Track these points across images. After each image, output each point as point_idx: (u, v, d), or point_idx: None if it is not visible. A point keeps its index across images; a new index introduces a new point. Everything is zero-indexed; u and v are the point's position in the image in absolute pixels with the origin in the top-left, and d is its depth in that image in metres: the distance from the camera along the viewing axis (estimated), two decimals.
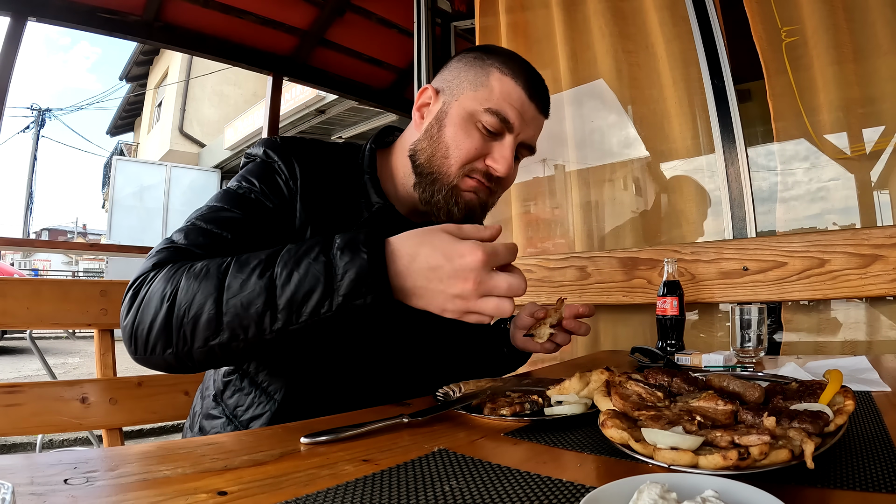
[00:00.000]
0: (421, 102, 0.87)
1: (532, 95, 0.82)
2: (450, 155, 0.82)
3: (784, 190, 1.61)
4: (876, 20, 1.44)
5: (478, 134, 0.81)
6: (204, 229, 0.71)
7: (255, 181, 0.78)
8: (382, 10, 2.85)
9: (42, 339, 8.05)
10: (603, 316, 1.82)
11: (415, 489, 0.42)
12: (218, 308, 0.58)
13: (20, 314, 0.99)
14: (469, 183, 0.83)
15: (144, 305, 0.62)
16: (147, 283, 0.63)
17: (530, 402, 0.67)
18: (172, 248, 0.69)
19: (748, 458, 0.40)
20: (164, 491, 0.41)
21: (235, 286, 0.58)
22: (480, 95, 0.81)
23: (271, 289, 0.58)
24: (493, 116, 0.80)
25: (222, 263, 0.61)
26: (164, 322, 0.60)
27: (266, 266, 0.59)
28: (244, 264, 0.60)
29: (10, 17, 2.09)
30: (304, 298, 0.57)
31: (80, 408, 1.00)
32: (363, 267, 0.56)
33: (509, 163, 0.82)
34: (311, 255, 0.58)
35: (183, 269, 0.62)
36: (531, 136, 0.85)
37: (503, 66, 0.82)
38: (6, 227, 53.19)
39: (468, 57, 0.86)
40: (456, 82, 0.84)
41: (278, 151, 0.81)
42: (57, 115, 14.54)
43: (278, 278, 0.58)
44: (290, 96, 7.60)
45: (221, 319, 0.59)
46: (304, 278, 0.57)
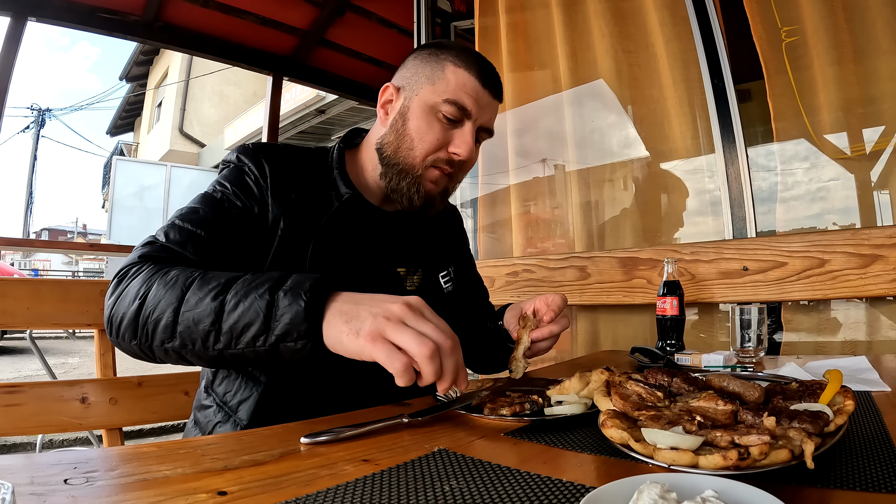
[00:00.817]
0: (384, 100, 0.93)
1: (485, 83, 0.89)
2: (415, 146, 0.88)
3: (784, 190, 1.61)
4: (876, 20, 1.44)
5: (438, 124, 0.88)
6: (182, 228, 0.78)
7: (227, 184, 0.85)
8: (382, 10, 2.85)
9: (42, 339, 8.05)
10: (603, 316, 1.82)
11: (415, 489, 0.42)
12: (175, 317, 0.65)
13: (20, 314, 0.99)
14: (432, 174, 0.90)
15: (122, 297, 0.70)
16: (129, 277, 0.71)
17: (530, 402, 0.67)
18: (156, 244, 0.76)
19: (748, 458, 0.40)
20: (164, 491, 0.41)
21: (192, 302, 0.65)
22: (438, 88, 0.87)
23: (219, 313, 0.64)
24: (451, 106, 0.86)
25: (189, 277, 0.67)
26: (133, 317, 0.67)
27: (222, 290, 0.64)
28: (205, 283, 0.66)
29: (10, 17, 2.09)
30: (243, 329, 0.63)
31: (80, 408, 1.00)
32: (298, 314, 0.60)
33: (471, 146, 0.88)
34: (259, 289, 0.63)
35: (159, 272, 0.69)
36: (488, 119, 0.92)
37: (456, 58, 0.89)
38: (6, 227, 53.27)
39: (423, 53, 0.92)
40: (414, 78, 0.90)
41: (248, 155, 0.88)
42: (57, 115, 14.54)
43: (227, 304, 0.64)
44: (290, 96, 7.60)
45: (175, 328, 0.65)
46: (247, 311, 0.62)
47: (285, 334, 0.61)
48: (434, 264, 1.02)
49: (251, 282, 0.64)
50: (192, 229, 0.77)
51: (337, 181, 0.91)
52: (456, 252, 1.13)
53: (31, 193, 14.16)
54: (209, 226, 0.79)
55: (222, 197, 0.83)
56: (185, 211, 0.81)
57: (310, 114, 7.89)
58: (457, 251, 1.14)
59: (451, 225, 1.14)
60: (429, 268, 1.01)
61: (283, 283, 0.63)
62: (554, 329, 0.90)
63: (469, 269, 1.18)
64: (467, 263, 1.18)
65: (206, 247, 0.76)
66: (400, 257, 0.98)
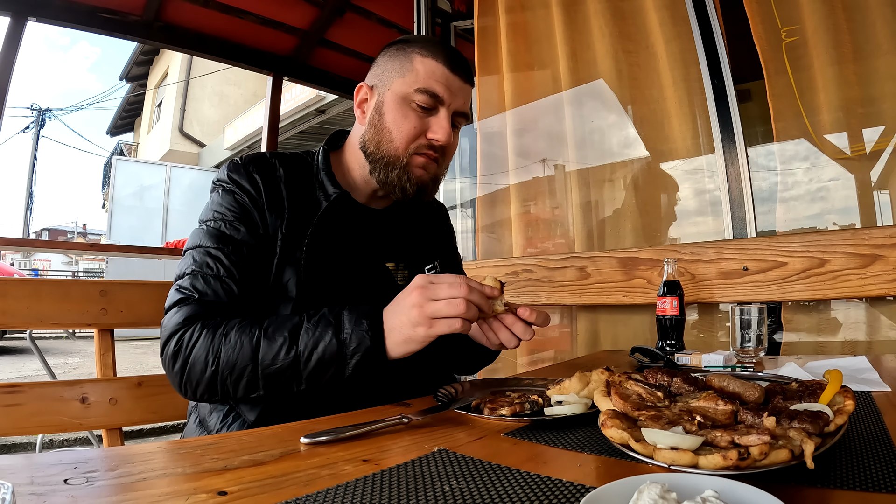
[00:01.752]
0: (359, 99, 0.96)
1: (454, 69, 0.91)
2: (394, 138, 0.90)
3: (784, 190, 1.61)
4: (876, 20, 1.44)
5: (413, 114, 0.90)
6: (207, 277, 0.81)
7: (226, 212, 0.87)
8: (382, 10, 2.85)
9: (42, 339, 8.05)
10: (603, 316, 1.82)
11: (415, 489, 0.42)
12: (255, 374, 0.74)
13: (20, 314, 0.99)
14: (418, 160, 0.91)
15: (191, 367, 0.76)
16: (187, 345, 0.76)
17: (530, 402, 0.67)
18: (191, 300, 0.79)
19: (748, 458, 0.40)
20: (164, 491, 0.41)
21: (268, 359, 0.74)
22: (408, 80, 0.90)
23: (296, 363, 0.73)
24: (423, 94, 0.89)
25: (253, 336, 0.75)
26: (210, 381, 0.75)
27: (291, 343, 0.74)
28: (272, 338, 0.74)
29: (10, 17, 2.09)
30: (322, 371, 0.74)
31: (80, 408, 1.00)
32: (368, 350, 0.73)
33: (448, 131, 0.90)
34: (326, 337, 0.73)
35: (217, 336, 0.76)
36: (461, 104, 0.93)
37: (423, 49, 0.91)
38: (6, 227, 53.22)
39: (391, 50, 0.94)
40: (385, 74, 0.93)
41: (239, 172, 0.89)
42: (57, 115, 14.53)
43: (301, 356, 0.73)
44: (290, 96, 7.60)
45: (258, 383, 0.75)
46: (322, 358, 0.73)
47: (359, 367, 0.73)
48: (421, 258, 1.04)
49: (314, 330, 0.74)
50: (216, 274, 0.81)
51: (324, 182, 0.94)
52: (442, 246, 1.15)
53: (31, 193, 14.16)
54: (229, 265, 0.82)
55: (225, 228, 0.85)
56: (198, 257, 0.83)
57: (310, 114, 7.89)
58: (443, 245, 1.15)
59: (436, 220, 1.16)
60: (416, 261, 1.02)
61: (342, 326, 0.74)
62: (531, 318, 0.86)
63: (454, 266, 1.19)
64: (453, 259, 1.19)
65: (235, 285, 0.81)
66: (388, 253, 1.00)
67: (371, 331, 0.72)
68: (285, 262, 0.86)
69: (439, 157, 0.93)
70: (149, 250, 4.45)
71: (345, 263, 0.91)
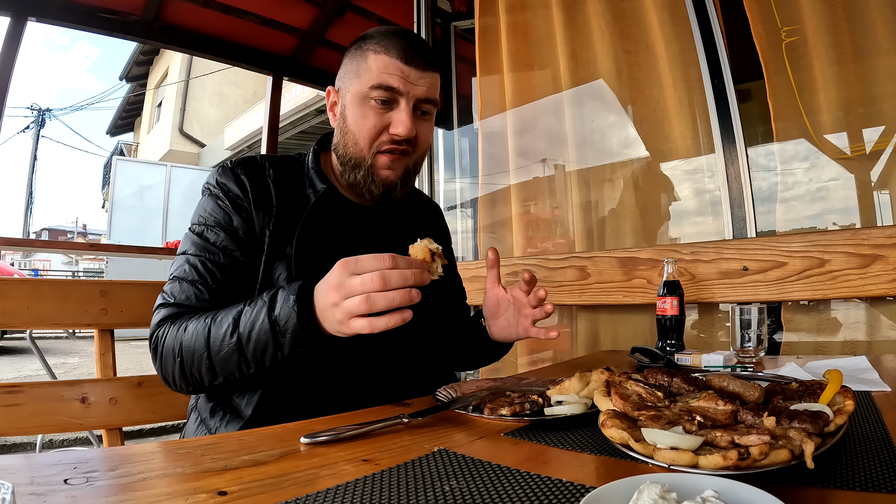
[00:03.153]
0: (329, 104, 0.98)
1: (409, 60, 0.89)
2: (358, 139, 0.90)
3: (784, 190, 1.62)
4: (876, 20, 1.44)
5: (372, 111, 0.89)
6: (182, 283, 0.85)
7: (207, 216, 0.89)
8: (382, 10, 2.85)
9: (42, 339, 8.05)
10: (603, 316, 1.82)
11: (415, 489, 0.42)
12: (210, 361, 0.77)
13: (20, 314, 0.99)
14: (383, 160, 0.91)
15: (164, 361, 0.81)
16: (160, 341, 0.82)
17: (530, 402, 0.67)
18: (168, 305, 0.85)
19: (748, 458, 0.40)
20: (164, 491, 0.41)
21: (216, 346, 0.76)
22: (364, 79, 0.90)
23: (239, 346, 0.75)
24: (378, 90, 0.88)
25: (204, 326, 0.78)
26: (180, 372, 0.80)
27: (234, 327, 0.75)
28: (219, 326, 0.76)
29: (10, 17, 2.09)
30: (262, 352, 0.75)
31: (80, 408, 1.00)
32: (296, 326, 0.72)
33: (408, 123, 0.89)
34: (260, 317, 0.74)
35: (179, 329, 0.80)
36: (424, 91, 0.91)
37: (377, 45, 0.90)
38: (6, 227, 53.20)
39: (350, 50, 0.95)
40: (346, 77, 0.94)
41: (226, 175, 0.91)
42: (57, 115, 14.53)
43: (243, 338, 0.75)
44: (290, 96, 7.60)
45: (215, 369, 0.77)
46: (259, 338, 0.74)
47: (294, 344, 0.73)
48: None
49: (252, 312, 0.75)
50: (192, 280, 0.85)
51: (314, 179, 0.95)
52: None
53: (31, 193, 14.16)
54: (203, 272, 0.85)
55: (207, 233, 0.88)
56: (180, 263, 0.87)
57: (310, 114, 7.89)
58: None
59: (431, 219, 1.15)
60: None
61: (274, 304, 0.74)
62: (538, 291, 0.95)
63: (450, 268, 1.18)
64: (450, 261, 1.18)
65: (207, 290, 0.85)
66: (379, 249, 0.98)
67: (298, 307, 0.71)
68: (274, 259, 0.88)
69: (408, 149, 0.92)
70: (149, 250, 4.45)
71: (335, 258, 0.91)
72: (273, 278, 0.87)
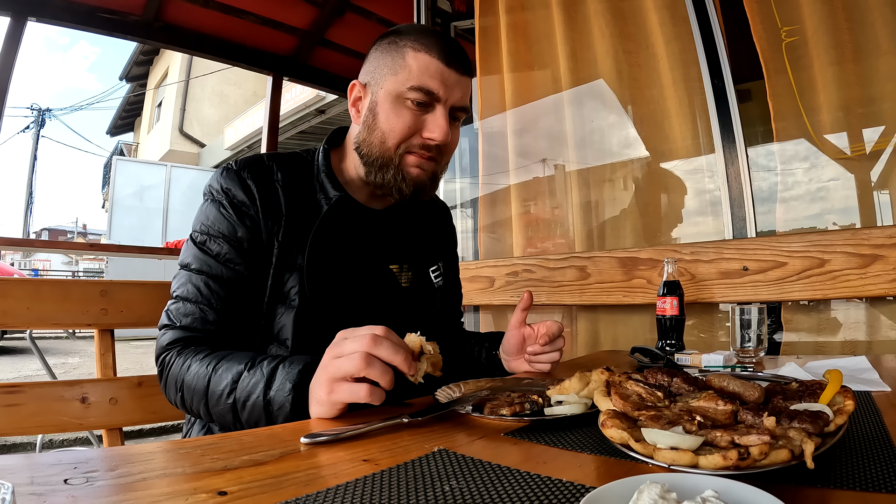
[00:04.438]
0: (353, 98, 0.93)
1: (449, 63, 0.86)
2: (387, 138, 0.87)
3: (784, 190, 1.61)
4: (876, 20, 1.44)
5: (408, 112, 0.86)
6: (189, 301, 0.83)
7: (209, 226, 0.86)
8: (382, 10, 2.85)
9: (42, 339, 8.05)
10: (603, 316, 1.82)
11: (415, 489, 0.42)
12: (207, 410, 0.77)
13: (20, 314, 0.99)
14: (412, 159, 0.88)
15: (168, 388, 0.82)
16: (167, 367, 0.81)
17: (530, 402, 0.67)
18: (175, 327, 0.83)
19: (748, 458, 0.40)
20: (164, 491, 0.41)
21: (213, 400, 0.75)
22: (401, 77, 0.86)
23: (234, 411, 0.74)
24: (417, 92, 0.85)
25: (206, 374, 0.76)
26: (181, 403, 0.81)
27: (230, 390, 0.74)
28: (218, 382, 0.75)
29: (10, 17, 2.09)
30: (255, 422, 0.73)
31: (80, 408, 1.00)
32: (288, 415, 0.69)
33: (445, 129, 0.86)
34: (255, 392, 0.72)
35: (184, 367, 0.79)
36: (459, 98, 0.89)
37: (416, 43, 0.87)
38: (6, 227, 53.19)
39: (383, 44, 0.90)
40: (378, 72, 0.89)
41: (232, 180, 0.87)
42: (57, 115, 14.53)
43: (238, 403, 0.73)
44: (290, 96, 7.60)
45: (211, 416, 0.77)
46: (252, 412, 0.72)
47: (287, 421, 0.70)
48: (424, 260, 1.03)
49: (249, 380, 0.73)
50: (195, 300, 0.83)
51: (325, 184, 0.91)
52: (444, 248, 1.14)
53: (31, 193, 14.16)
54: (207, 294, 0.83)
55: (210, 244, 0.85)
56: (183, 280, 0.85)
57: (310, 114, 7.89)
58: (445, 247, 1.14)
59: (440, 220, 1.14)
60: (420, 263, 1.01)
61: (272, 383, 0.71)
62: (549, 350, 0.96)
63: (452, 269, 1.18)
64: (453, 263, 1.18)
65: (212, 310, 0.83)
66: (391, 255, 0.98)
67: (294, 393, 0.69)
68: (285, 269, 0.85)
69: (436, 155, 0.90)
70: (149, 250, 4.45)
71: (348, 268, 0.90)
72: (283, 290, 0.85)
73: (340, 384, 0.63)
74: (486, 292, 1.95)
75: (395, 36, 0.89)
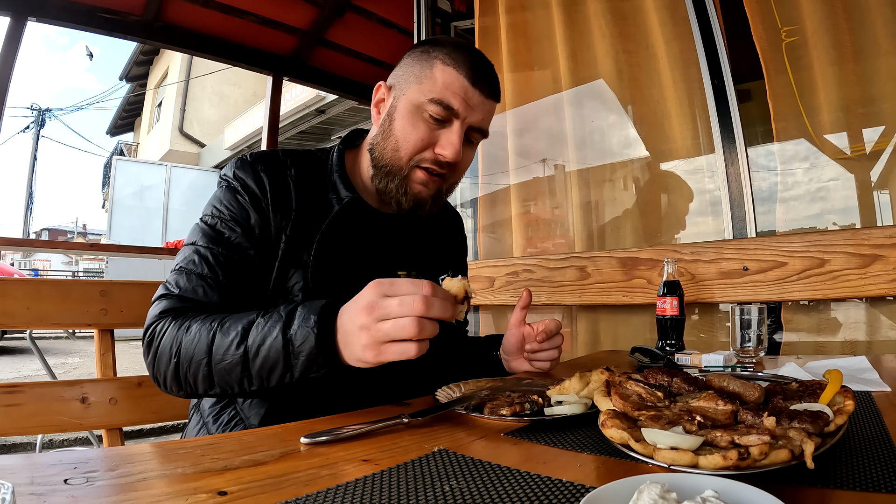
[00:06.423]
0: (377, 99, 0.92)
1: (475, 82, 0.85)
2: (400, 147, 0.86)
3: (784, 190, 1.61)
4: (876, 20, 1.44)
5: (424, 124, 0.85)
6: (190, 273, 0.80)
7: (223, 210, 0.84)
8: (382, 10, 2.85)
9: (42, 339, 8.05)
10: (603, 316, 1.82)
11: (415, 489, 0.42)
12: (209, 370, 0.71)
13: (20, 314, 0.99)
14: (419, 175, 0.87)
15: (158, 358, 0.75)
16: (157, 336, 0.75)
17: (530, 402, 0.67)
18: (171, 295, 0.79)
19: (748, 458, 0.40)
20: (164, 491, 0.41)
21: (219, 355, 0.70)
22: (425, 87, 0.85)
23: (245, 360, 0.69)
24: (436, 105, 0.84)
25: (209, 330, 0.71)
26: (174, 374, 0.74)
27: (242, 338, 0.69)
28: (225, 335, 0.70)
29: (10, 17, 2.09)
30: (269, 371, 0.68)
31: (80, 408, 1.00)
32: (312, 349, 0.66)
33: (457, 148, 0.85)
34: (273, 332, 0.68)
35: (182, 329, 0.73)
36: (479, 119, 0.88)
37: (447, 56, 0.86)
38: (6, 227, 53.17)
39: (416, 51, 0.90)
40: (404, 77, 0.88)
41: (246, 170, 0.86)
42: (57, 115, 14.53)
43: (250, 351, 0.68)
44: (290, 96, 7.60)
45: (213, 378, 0.71)
46: (268, 356, 0.68)
47: (307, 369, 0.67)
48: (433, 267, 1.02)
49: (265, 325, 0.69)
50: (200, 272, 0.79)
51: (337, 184, 0.90)
52: (454, 256, 1.13)
53: (31, 193, 14.15)
54: (214, 265, 0.80)
55: (221, 227, 0.83)
56: (188, 253, 0.81)
57: (310, 114, 7.88)
58: (455, 256, 1.14)
59: (451, 229, 1.13)
60: (428, 270, 1.01)
61: (291, 322, 0.67)
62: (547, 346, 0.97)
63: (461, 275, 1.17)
64: (462, 273, 1.17)
65: (217, 286, 0.79)
66: (400, 260, 0.97)
67: (318, 329, 0.65)
68: (290, 265, 0.85)
69: (446, 173, 0.88)
70: (149, 250, 4.45)
71: (354, 269, 0.89)
72: (287, 285, 0.84)
73: (388, 346, 0.62)
74: (486, 292, 1.95)
75: (430, 45, 0.88)
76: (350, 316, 0.65)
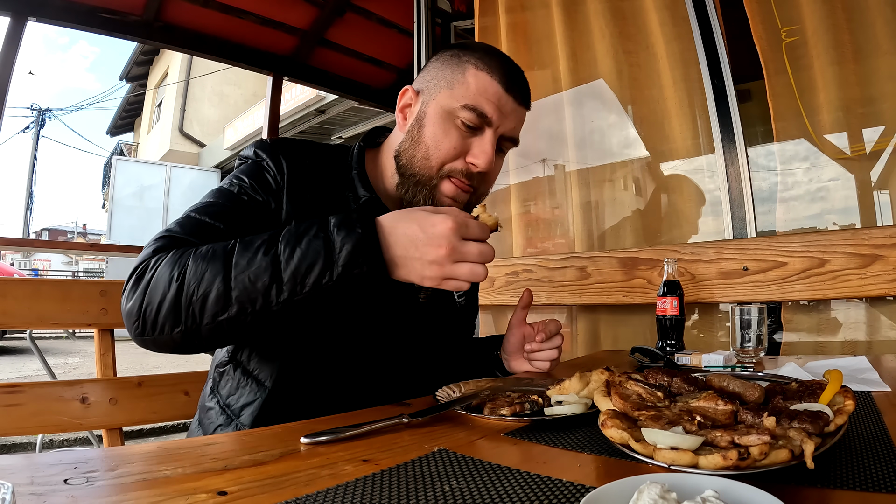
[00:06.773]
0: (403, 104, 0.89)
1: (509, 88, 0.83)
2: (430, 155, 0.83)
3: (784, 190, 1.61)
4: (876, 20, 1.44)
5: (456, 132, 0.82)
6: (198, 220, 0.75)
7: (244, 178, 0.82)
8: (382, 10, 2.85)
9: (42, 339, 8.05)
10: (603, 316, 1.82)
11: (415, 489, 0.42)
12: (227, 284, 0.63)
13: (20, 314, 0.99)
14: (448, 188, 0.84)
15: (152, 288, 0.65)
16: (151, 268, 0.67)
17: (530, 402, 0.67)
18: (170, 236, 0.72)
19: (748, 458, 0.40)
20: (164, 491, 0.41)
21: (243, 263, 0.64)
22: (457, 93, 0.82)
23: (276, 264, 0.63)
24: (470, 112, 0.81)
25: (227, 244, 0.66)
26: (174, 301, 0.64)
27: (270, 244, 0.65)
28: (249, 244, 0.65)
29: (10, 17, 2.09)
30: (307, 271, 0.63)
31: (80, 408, 1.00)
32: (359, 240, 0.63)
33: (490, 157, 0.82)
34: (310, 232, 0.65)
35: (188, 252, 0.66)
36: (512, 128, 0.86)
37: (479, 61, 0.83)
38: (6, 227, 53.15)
39: (446, 55, 0.87)
40: (434, 82, 0.85)
41: (267, 150, 0.84)
42: (57, 115, 14.54)
43: (282, 254, 0.64)
44: (290, 96, 7.59)
45: (230, 294, 0.63)
46: (307, 253, 0.63)
47: (351, 262, 0.63)
48: None
49: (295, 230, 0.66)
50: (211, 222, 0.74)
51: (355, 182, 0.88)
52: None
53: (31, 193, 14.16)
54: (227, 218, 0.75)
55: (239, 190, 0.80)
56: (199, 206, 0.78)
57: (310, 114, 7.88)
58: None
59: None
60: None
61: (328, 223, 0.65)
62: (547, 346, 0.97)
63: (474, 288, 1.16)
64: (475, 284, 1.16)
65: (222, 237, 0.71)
66: None
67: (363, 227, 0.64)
68: None
69: (475, 185, 0.85)
70: None
71: None
72: None
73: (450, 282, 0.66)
74: (486, 292, 1.95)
75: (460, 50, 0.85)
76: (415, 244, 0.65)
